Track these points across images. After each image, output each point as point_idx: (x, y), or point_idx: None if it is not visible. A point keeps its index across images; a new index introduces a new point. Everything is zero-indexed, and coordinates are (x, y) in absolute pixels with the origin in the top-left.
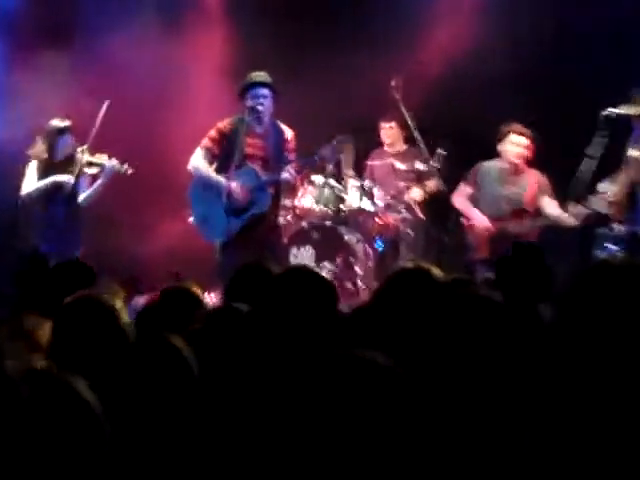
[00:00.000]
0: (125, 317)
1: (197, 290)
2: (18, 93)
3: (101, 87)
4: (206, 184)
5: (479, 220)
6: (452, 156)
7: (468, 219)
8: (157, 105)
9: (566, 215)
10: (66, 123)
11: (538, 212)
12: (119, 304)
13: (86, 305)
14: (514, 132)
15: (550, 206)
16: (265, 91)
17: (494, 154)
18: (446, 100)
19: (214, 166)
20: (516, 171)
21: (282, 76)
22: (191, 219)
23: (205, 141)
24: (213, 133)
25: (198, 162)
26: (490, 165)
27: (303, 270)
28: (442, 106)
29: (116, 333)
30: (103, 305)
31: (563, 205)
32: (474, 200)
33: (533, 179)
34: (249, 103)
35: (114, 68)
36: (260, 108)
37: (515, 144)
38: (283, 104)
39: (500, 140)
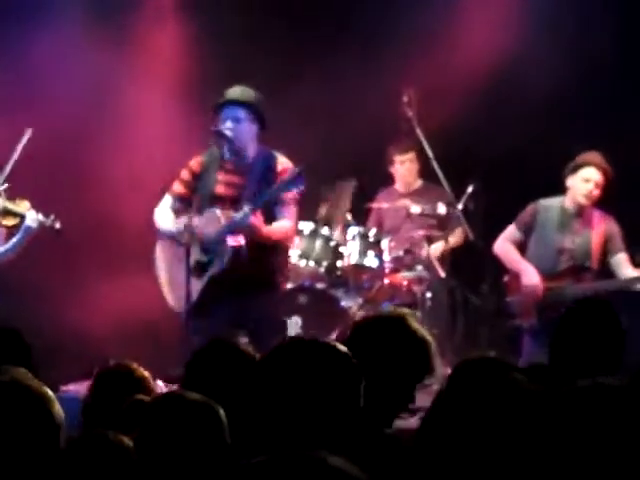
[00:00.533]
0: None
1: (140, 372)
2: None
3: (18, 110)
4: (170, 240)
5: (528, 275)
6: (485, 197)
7: (512, 272)
8: (91, 132)
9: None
10: None
11: (602, 271)
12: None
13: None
14: (590, 164)
15: (623, 265)
16: (239, 112)
17: (542, 194)
18: (476, 122)
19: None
20: (583, 215)
21: (264, 90)
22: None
23: (174, 185)
24: (183, 174)
25: (161, 213)
26: (551, 204)
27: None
28: (471, 130)
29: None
30: (32, 393)
31: (633, 260)
32: (523, 249)
33: (602, 227)
34: (216, 127)
35: (35, 85)
36: (228, 134)
37: (586, 180)
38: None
39: (570, 173)
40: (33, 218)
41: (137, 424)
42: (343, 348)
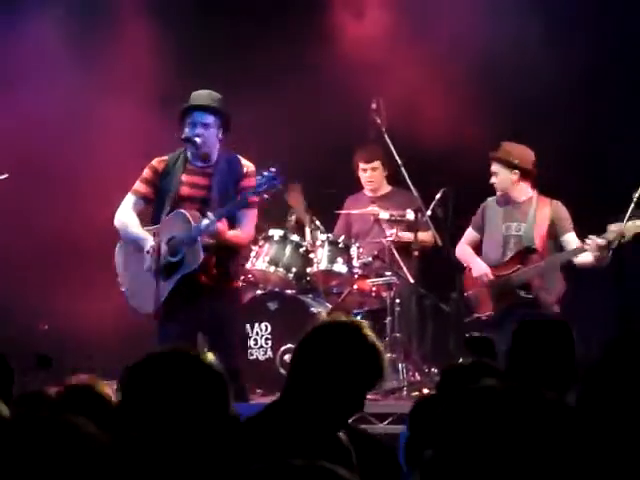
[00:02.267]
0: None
1: (102, 389)
2: None
3: None
4: (133, 242)
5: (477, 266)
6: (455, 203)
7: (467, 268)
8: (57, 138)
9: (582, 249)
10: None
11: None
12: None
13: None
14: (491, 159)
15: (571, 243)
16: (207, 117)
17: None
18: (445, 128)
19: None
20: (525, 203)
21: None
22: (122, 289)
23: (137, 184)
24: (146, 173)
25: (123, 214)
26: (493, 200)
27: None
28: (441, 137)
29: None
30: None
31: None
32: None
33: (546, 211)
34: (184, 133)
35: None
36: (197, 140)
37: (492, 174)
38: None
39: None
40: None
41: None
42: (208, 358)
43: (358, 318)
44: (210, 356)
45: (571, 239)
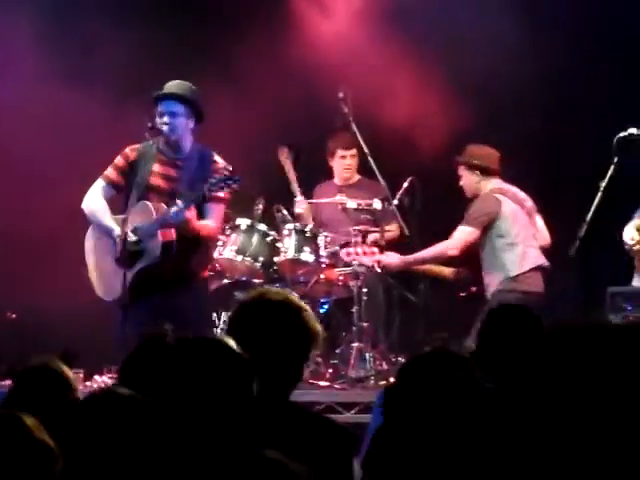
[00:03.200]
0: None
1: (63, 370)
2: None
3: None
4: (100, 228)
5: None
6: (422, 193)
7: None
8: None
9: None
10: None
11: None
12: None
13: None
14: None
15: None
16: (176, 106)
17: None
18: (412, 116)
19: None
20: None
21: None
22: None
23: (108, 170)
24: (118, 160)
25: (91, 199)
26: None
27: (209, 342)
28: (407, 126)
29: None
30: None
31: None
32: None
33: None
34: (153, 122)
35: None
36: (164, 128)
37: (458, 177)
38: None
39: None
40: None
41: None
42: (231, 343)
43: (325, 307)
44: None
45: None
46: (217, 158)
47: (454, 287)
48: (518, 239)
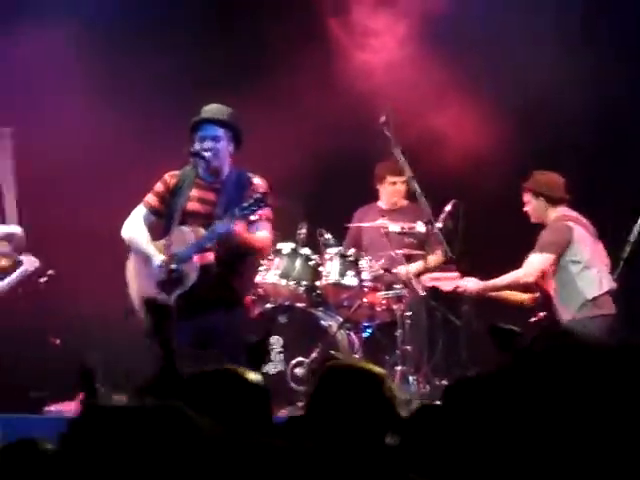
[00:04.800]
0: None
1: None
2: None
3: None
4: (140, 255)
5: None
6: (465, 215)
7: None
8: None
9: None
10: None
11: None
12: None
13: None
14: (524, 189)
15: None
16: (217, 131)
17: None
18: (458, 141)
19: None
20: None
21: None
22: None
23: (148, 196)
24: (157, 186)
25: (131, 226)
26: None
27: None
28: (453, 150)
29: None
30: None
31: None
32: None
33: None
34: (193, 148)
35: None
36: (206, 155)
37: (525, 203)
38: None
39: None
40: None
41: None
42: (252, 377)
43: (368, 331)
44: (254, 375)
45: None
46: (256, 180)
47: (522, 313)
48: (591, 263)
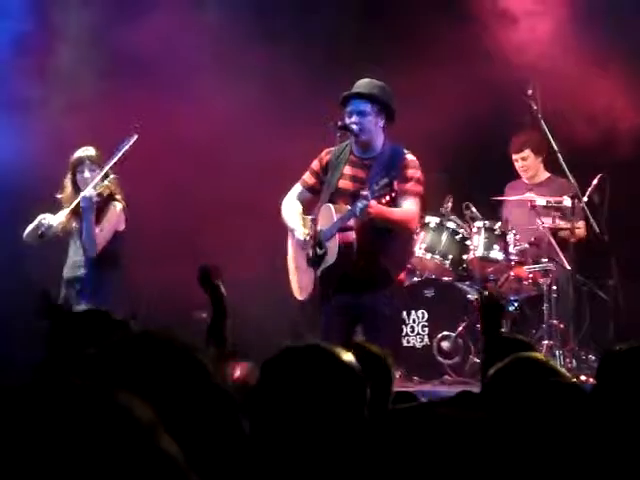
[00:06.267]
0: None
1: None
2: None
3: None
4: (290, 230)
5: None
6: (611, 190)
7: None
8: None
9: None
10: (87, 152)
11: None
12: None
13: None
14: None
15: None
16: (364, 105)
17: None
18: (602, 114)
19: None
20: None
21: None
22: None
23: (305, 174)
24: (314, 163)
25: (286, 202)
26: None
27: (319, 350)
28: (597, 122)
29: None
30: None
31: None
32: None
33: None
34: (343, 122)
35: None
36: (354, 128)
37: None
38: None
39: None
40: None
41: None
42: (347, 356)
43: (515, 305)
44: (349, 355)
45: None
46: (409, 156)
47: None
48: None
